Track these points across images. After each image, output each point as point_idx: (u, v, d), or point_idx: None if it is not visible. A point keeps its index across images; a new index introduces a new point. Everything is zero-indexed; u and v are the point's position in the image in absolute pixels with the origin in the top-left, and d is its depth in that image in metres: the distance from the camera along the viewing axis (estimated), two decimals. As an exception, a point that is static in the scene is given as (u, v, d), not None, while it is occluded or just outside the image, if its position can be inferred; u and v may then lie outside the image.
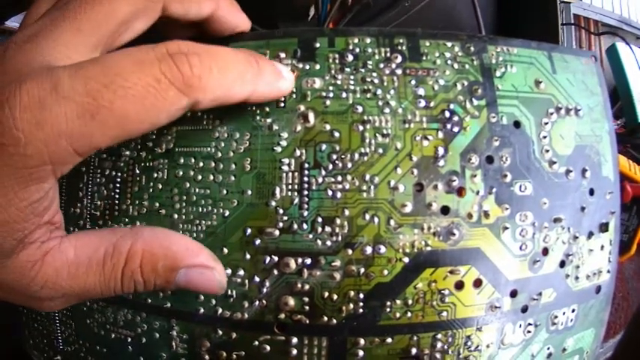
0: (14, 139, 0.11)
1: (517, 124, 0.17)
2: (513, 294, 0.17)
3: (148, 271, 0.14)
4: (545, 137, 0.17)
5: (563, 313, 0.18)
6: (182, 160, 0.16)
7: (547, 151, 0.17)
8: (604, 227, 0.19)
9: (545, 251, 0.17)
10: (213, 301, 0.16)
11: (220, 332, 0.16)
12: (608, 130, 0.19)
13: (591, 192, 0.18)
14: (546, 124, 0.17)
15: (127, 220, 0.17)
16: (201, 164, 0.16)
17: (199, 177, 0.16)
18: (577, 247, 0.18)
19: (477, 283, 0.16)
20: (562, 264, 0.17)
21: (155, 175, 0.17)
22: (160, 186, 0.17)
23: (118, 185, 0.17)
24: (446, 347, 0.16)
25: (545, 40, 0.18)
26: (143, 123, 0.13)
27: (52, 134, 0.12)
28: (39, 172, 0.12)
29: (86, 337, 0.18)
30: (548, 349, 0.18)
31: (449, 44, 0.17)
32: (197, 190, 0.16)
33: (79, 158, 0.13)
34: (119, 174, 0.17)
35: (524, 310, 0.17)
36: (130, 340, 0.17)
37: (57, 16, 0.13)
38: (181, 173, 0.16)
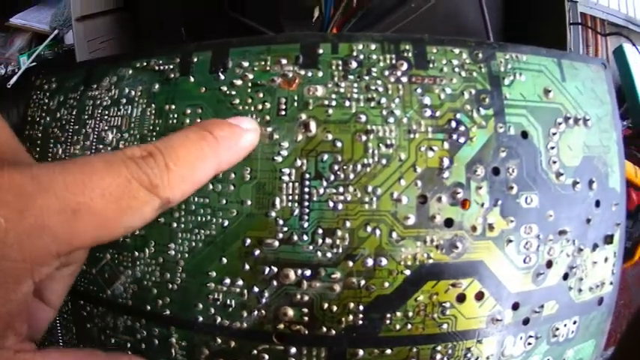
0: None
1: (525, 135, 0.16)
2: (515, 307, 0.16)
3: None
4: (552, 148, 0.17)
5: (565, 325, 0.18)
6: (181, 167, 0.16)
7: (554, 162, 0.17)
8: (609, 239, 0.18)
9: (549, 264, 0.17)
10: (212, 310, 0.16)
11: (219, 340, 0.16)
12: (616, 139, 0.19)
13: (597, 204, 0.18)
14: (554, 134, 0.17)
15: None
16: (200, 172, 0.16)
17: (198, 185, 0.16)
18: (581, 260, 0.17)
19: (479, 296, 0.16)
20: (565, 276, 0.17)
21: (153, 181, 0.16)
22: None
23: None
24: (445, 359, 0.16)
25: (552, 40, 0.18)
26: (118, 226, 0.12)
27: (36, 226, 0.11)
28: (16, 270, 0.11)
29: (87, 341, 0.18)
30: (548, 360, 0.18)
31: (456, 51, 0.16)
32: (196, 199, 0.16)
33: (57, 262, 0.12)
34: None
35: (526, 322, 0.17)
36: (129, 345, 0.17)
37: None
38: (180, 181, 0.16)
